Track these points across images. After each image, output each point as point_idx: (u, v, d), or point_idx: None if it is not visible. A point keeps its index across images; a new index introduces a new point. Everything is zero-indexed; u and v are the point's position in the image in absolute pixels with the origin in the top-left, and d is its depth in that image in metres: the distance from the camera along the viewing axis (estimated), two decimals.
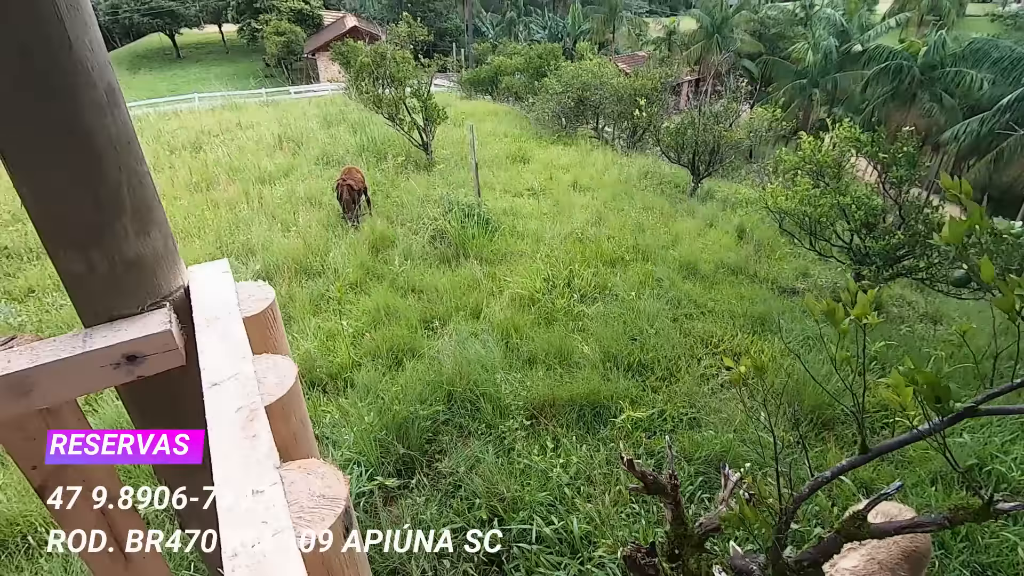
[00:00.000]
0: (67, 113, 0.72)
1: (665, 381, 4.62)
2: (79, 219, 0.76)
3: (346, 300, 5.69)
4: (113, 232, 0.78)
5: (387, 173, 9.97)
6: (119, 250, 0.79)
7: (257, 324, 0.87)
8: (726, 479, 2.06)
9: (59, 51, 0.70)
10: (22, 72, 0.69)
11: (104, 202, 0.76)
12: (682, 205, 9.62)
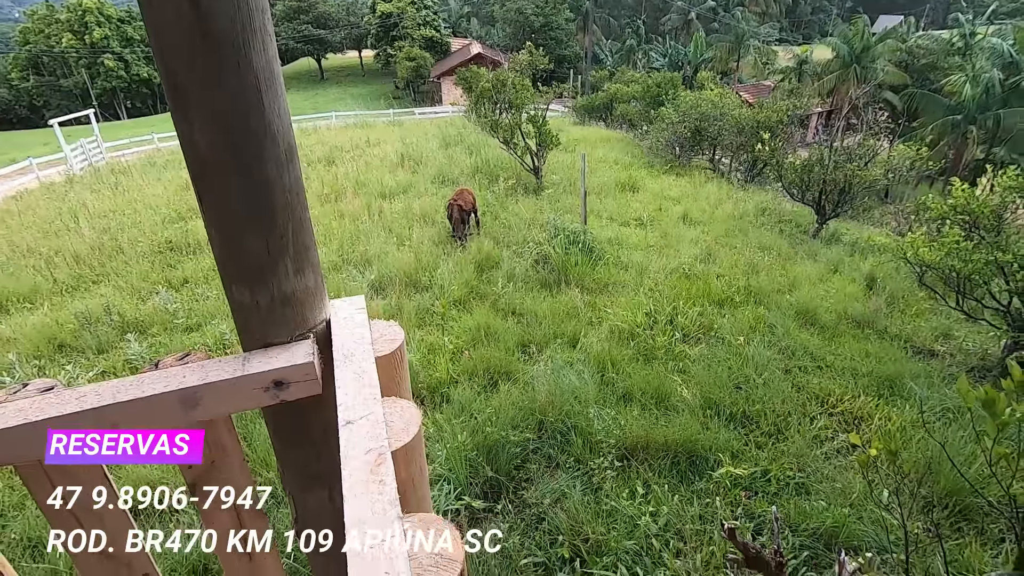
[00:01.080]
0: (253, 168, 0.84)
1: (771, 438, 4.28)
2: (251, 259, 0.88)
3: (449, 316, 5.92)
4: (276, 271, 0.89)
5: (497, 195, 10.30)
6: (279, 286, 0.90)
7: (387, 364, 0.94)
8: (841, 567, 1.86)
9: (255, 116, 0.82)
10: (223, 133, 0.81)
11: (272, 245, 0.87)
12: (803, 247, 8.95)
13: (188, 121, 0.81)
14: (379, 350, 0.94)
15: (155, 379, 0.87)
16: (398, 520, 0.62)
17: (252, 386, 0.88)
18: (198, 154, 0.82)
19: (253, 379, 0.88)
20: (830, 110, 28.73)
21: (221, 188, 0.84)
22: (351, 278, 6.77)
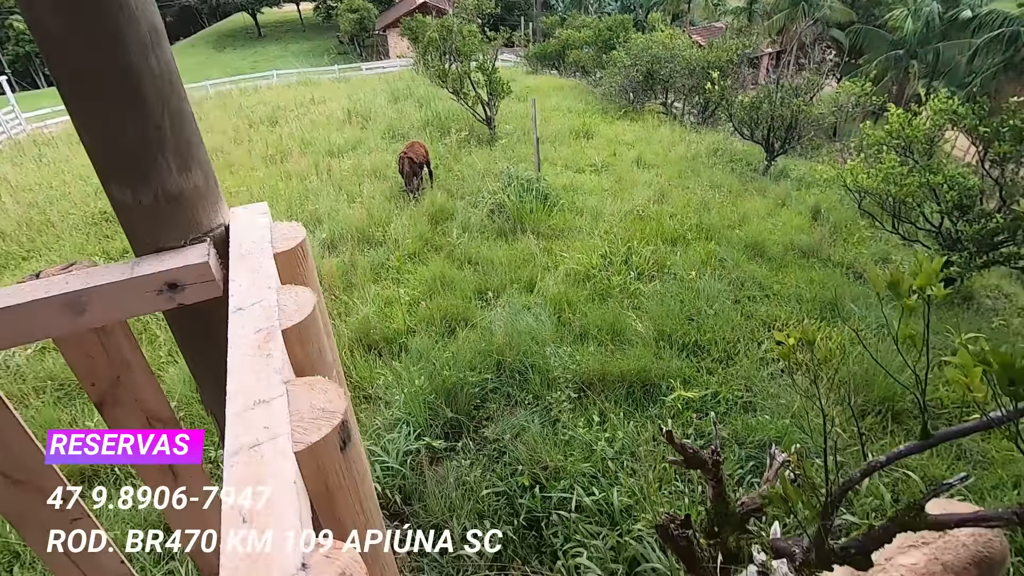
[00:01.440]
0: (113, 53, 0.77)
1: (721, 363, 4.46)
2: (126, 153, 0.82)
3: (404, 269, 5.85)
4: (156, 167, 0.84)
5: (450, 147, 10.07)
6: (162, 184, 0.85)
7: (287, 260, 0.91)
8: (772, 459, 1.98)
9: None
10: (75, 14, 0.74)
11: (148, 137, 0.82)
12: (753, 184, 9.12)
13: (31, 6, 0.74)
14: (280, 247, 0.91)
15: (36, 287, 0.82)
16: (281, 385, 0.61)
17: (144, 289, 0.84)
18: (50, 39, 0.75)
19: (143, 281, 0.84)
20: (780, 51, 28.86)
21: (80, 76, 0.78)
22: None
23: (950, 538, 2.12)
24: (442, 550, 2.81)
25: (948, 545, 2.10)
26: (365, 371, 4.14)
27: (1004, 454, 3.57)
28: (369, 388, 3.97)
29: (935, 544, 2.11)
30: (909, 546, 2.14)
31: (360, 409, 3.79)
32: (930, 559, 2.07)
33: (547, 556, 2.77)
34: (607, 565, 2.54)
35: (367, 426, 3.50)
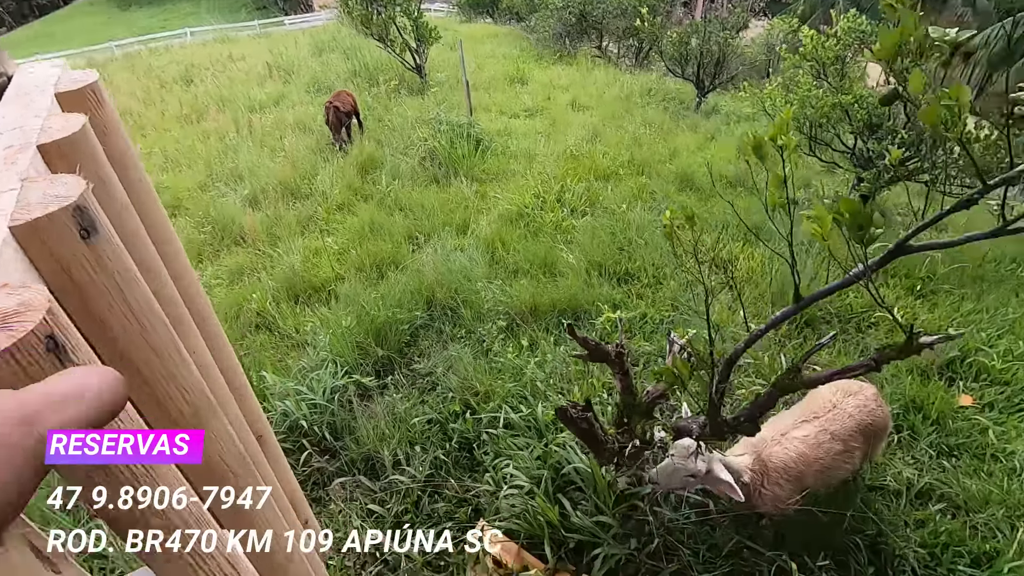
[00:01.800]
0: None
1: (650, 288, 4.58)
2: None
3: (332, 220, 5.67)
4: None
5: (379, 97, 9.67)
6: None
7: (73, 101, 0.82)
8: (671, 345, 2.06)
9: None
10: None
11: None
12: (685, 120, 9.23)
13: None
14: (64, 88, 0.82)
15: None
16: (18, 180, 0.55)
17: None
18: None
19: None
20: None
21: None
22: (221, 194, 6.25)
23: (838, 411, 2.28)
24: (373, 476, 2.84)
25: (836, 417, 2.26)
26: (292, 320, 4.03)
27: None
28: (296, 335, 3.88)
29: (824, 417, 2.26)
30: (803, 421, 2.29)
31: (288, 356, 3.71)
32: (820, 430, 2.23)
33: (479, 473, 2.82)
34: (533, 472, 2.61)
35: (291, 368, 3.43)
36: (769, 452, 2.17)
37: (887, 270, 4.83)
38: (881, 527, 2.45)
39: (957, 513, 2.61)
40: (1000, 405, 3.40)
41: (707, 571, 2.27)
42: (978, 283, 4.80)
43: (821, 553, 2.32)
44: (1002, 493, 2.69)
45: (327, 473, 2.88)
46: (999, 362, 3.64)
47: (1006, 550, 2.38)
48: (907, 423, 3.14)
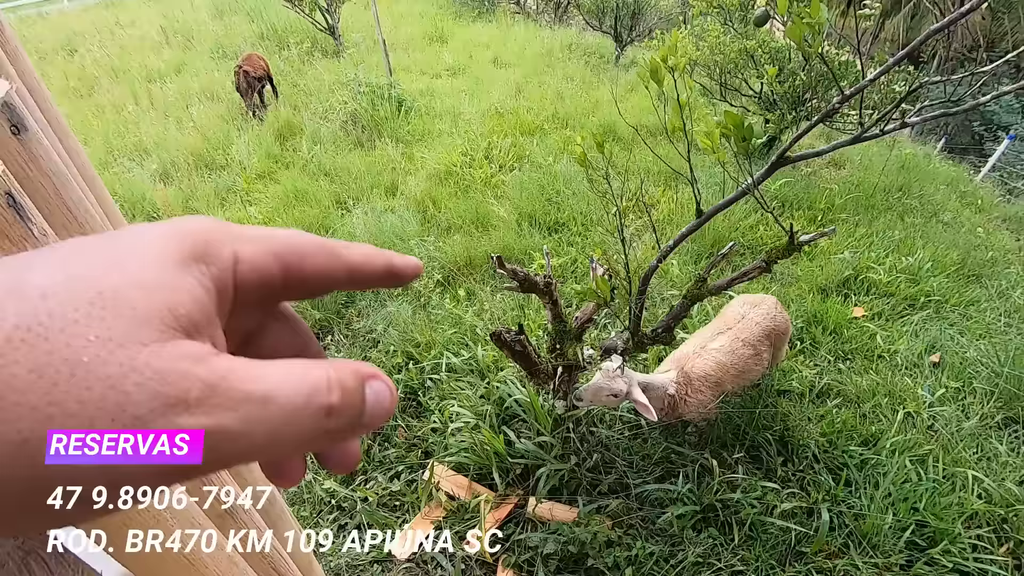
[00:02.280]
0: None
1: (580, 236, 4.76)
2: None
3: (254, 190, 5.46)
4: None
5: (291, 61, 9.19)
6: None
7: None
8: (593, 270, 2.21)
9: None
10: None
11: None
12: (605, 74, 9.38)
13: None
14: None
15: None
16: None
17: None
18: None
19: None
20: None
21: None
22: (127, 171, 5.84)
23: (746, 321, 2.52)
24: None
25: (745, 326, 2.51)
26: None
27: (807, 273, 4.25)
28: None
29: (735, 328, 2.51)
30: (718, 334, 2.52)
31: None
32: (733, 339, 2.47)
33: (426, 418, 2.92)
34: (478, 409, 2.75)
35: None
36: (691, 365, 2.40)
37: (792, 202, 5.24)
38: (788, 423, 2.77)
39: (850, 405, 2.98)
40: (886, 314, 3.84)
41: (640, 477, 2.50)
42: (870, 211, 5.30)
43: (738, 449, 2.61)
44: (886, 385, 3.09)
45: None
46: (885, 277, 4.10)
47: (888, 430, 2.76)
48: (809, 335, 3.50)
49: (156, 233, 0.24)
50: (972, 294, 4.10)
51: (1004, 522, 2.38)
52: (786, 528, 2.29)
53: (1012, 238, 5.88)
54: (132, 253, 0.23)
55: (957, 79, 1.58)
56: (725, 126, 1.47)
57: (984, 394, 3.05)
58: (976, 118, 14.15)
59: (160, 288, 0.22)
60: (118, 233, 0.25)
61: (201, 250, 0.25)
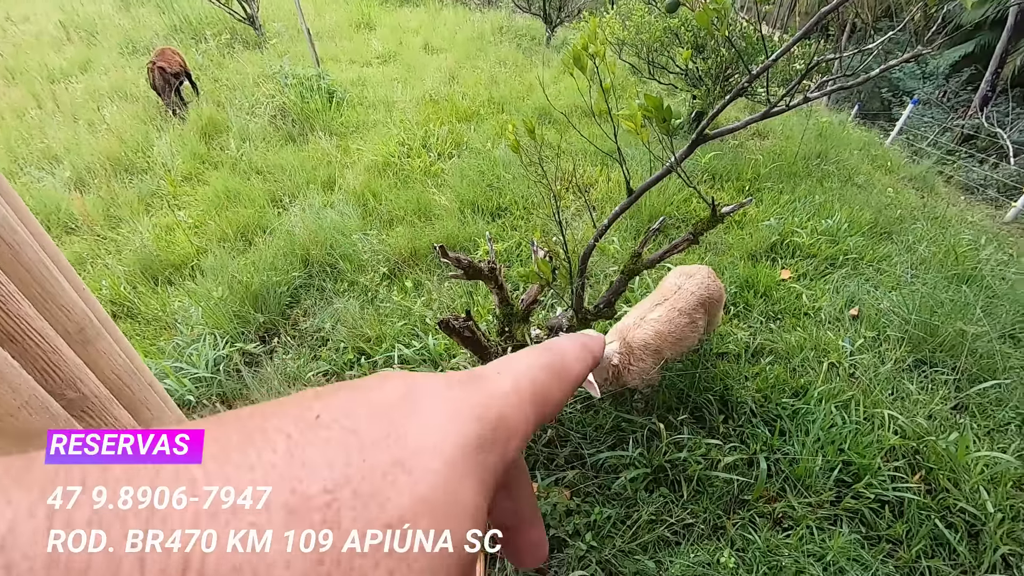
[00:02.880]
0: None
1: (523, 220, 4.82)
2: None
3: (181, 193, 5.20)
4: None
5: (210, 55, 8.72)
6: None
7: None
8: (535, 253, 2.27)
9: None
10: None
11: None
12: (537, 56, 9.43)
13: None
14: None
15: None
16: None
17: None
18: None
19: None
20: None
21: None
22: (36, 180, 5.43)
23: (682, 291, 2.66)
24: None
25: (681, 296, 2.65)
26: (155, 301, 3.75)
27: (737, 241, 4.48)
28: (164, 315, 3.63)
29: (672, 299, 2.64)
30: (656, 305, 2.65)
31: (159, 338, 3.47)
32: (670, 309, 2.60)
33: None
34: None
35: (165, 349, 3.25)
36: (632, 335, 2.51)
37: (721, 174, 5.48)
38: (727, 383, 2.95)
39: (781, 361, 3.20)
40: (810, 274, 4.12)
41: (594, 446, 2.62)
42: (792, 178, 5.62)
43: (682, 411, 2.78)
44: (812, 340, 3.34)
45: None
46: (808, 240, 4.39)
47: (815, 381, 2.99)
48: (742, 299, 3.72)
49: (444, 419, 0.23)
50: (884, 250, 4.45)
51: (916, 453, 2.64)
52: (729, 480, 2.47)
53: (917, 196, 6.39)
54: (421, 453, 0.21)
55: (848, 55, 1.73)
56: (646, 108, 1.55)
57: (896, 341, 3.35)
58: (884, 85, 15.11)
59: (460, 517, 0.21)
60: (396, 402, 0.23)
61: (489, 438, 0.23)
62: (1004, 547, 2.23)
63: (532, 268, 1.98)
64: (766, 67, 1.55)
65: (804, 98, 1.73)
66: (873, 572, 2.12)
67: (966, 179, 9.66)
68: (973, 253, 4.50)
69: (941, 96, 14.14)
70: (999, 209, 7.97)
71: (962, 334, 3.21)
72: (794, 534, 2.26)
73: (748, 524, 2.34)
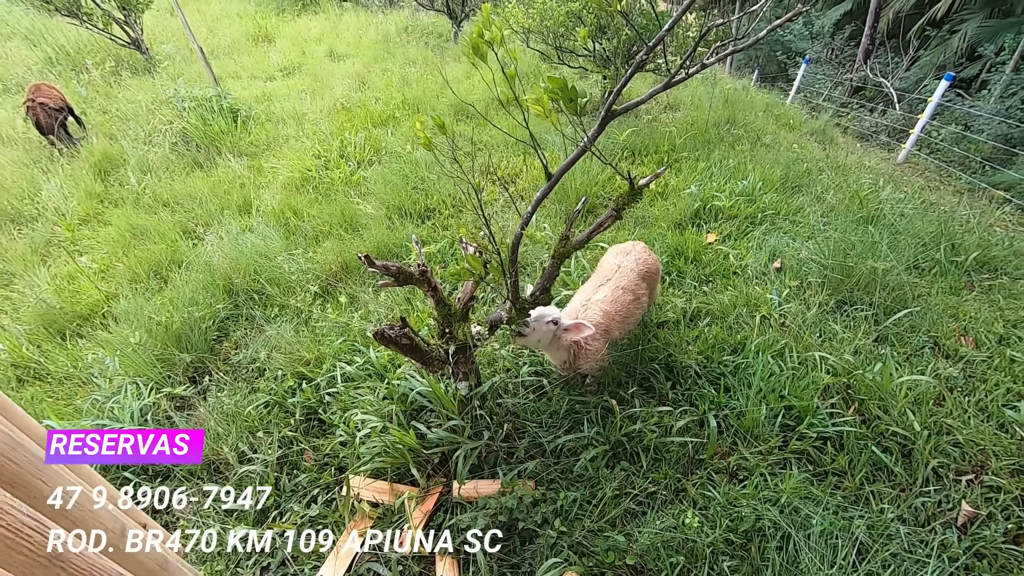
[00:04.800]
0: None
1: (452, 218, 4.76)
2: None
3: (80, 237, 4.81)
4: None
5: (95, 85, 8.10)
6: None
7: None
8: (465, 249, 2.24)
9: None
10: None
11: None
12: (447, 53, 9.34)
13: None
14: None
15: None
16: None
17: None
18: None
19: None
20: None
21: None
22: None
23: (622, 269, 2.70)
24: (221, 479, 2.69)
25: (622, 274, 2.69)
26: (65, 357, 3.44)
27: (663, 212, 4.61)
28: (77, 371, 3.34)
29: (614, 278, 2.68)
30: (599, 286, 2.68)
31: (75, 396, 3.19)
32: (614, 288, 2.64)
33: (332, 435, 2.82)
34: (383, 411, 2.70)
35: (83, 407, 2.99)
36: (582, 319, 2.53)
37: (639, 150, 5.63)
38: (670, 350, 3.03)
39: (718, 322, 3.32)
40: (734, 235, 4.30)
41: (551, 433, 2.62)
42: (706, 145, 5.84)
43: (631, 385, 2.83)
44: (743, 297, 3.49)
45: (164, 495, 2.64)
46: (728, 202, 4.57)
47: (751, 335, 3.13)
48: (675, 267, 3.83)
49: None
50: (797, 203, 4.71)
51: (848, 388, 2.81)
52: (684, 443, 2.54)
53: (820, 149, 6.81)
54: None
55: (735, 19, 1.79)
56: (552, 90, 1.55)
57: (818, 286, 3.55)
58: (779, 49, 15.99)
59: None
60: None
61: None
62: (934, 460, 2.42)
63: (462, 265, 1.94)
64: (660, 38, 1.57)
65: (702, 64, 1.78)
66: (824, 506, 2.23)
67: (860, 128, 10.39)
68: (874, 195, 4.83)
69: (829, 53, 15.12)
70: (891, 152, 8.63)
71: (874, 271, 3.44)
72: (749, 483, 2.35)
73: (707, 482, 2.41)
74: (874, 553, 2.07)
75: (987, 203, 5.94)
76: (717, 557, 2.11)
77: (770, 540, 2.12)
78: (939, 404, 2.74)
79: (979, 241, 4.00)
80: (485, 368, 3.01)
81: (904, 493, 2.35)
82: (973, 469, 2.44)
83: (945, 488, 2.36)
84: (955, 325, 3.26)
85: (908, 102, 11.32)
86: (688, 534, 2.16)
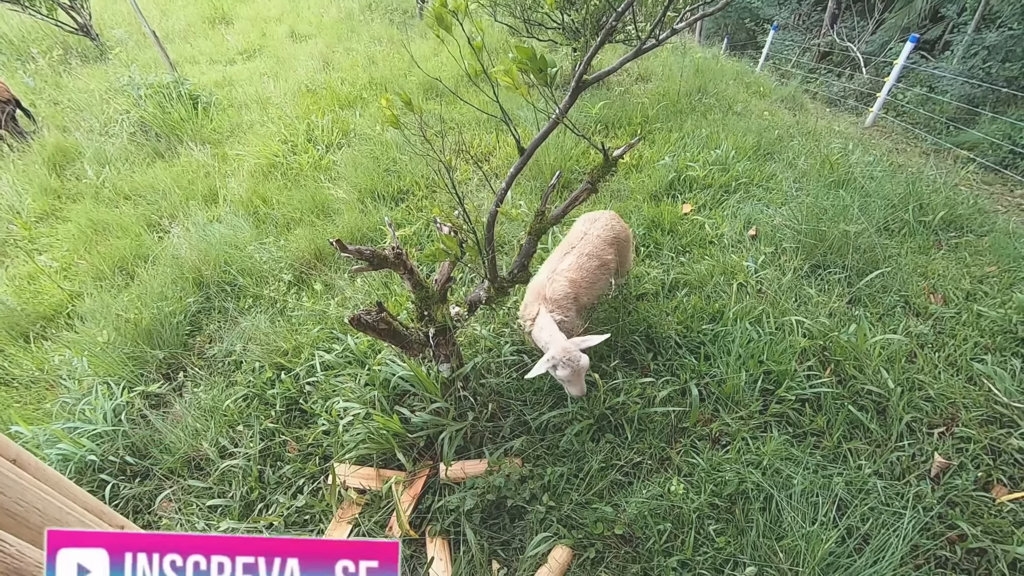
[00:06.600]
0: None
1: (427, 199, 4.68)
2: None
3: (38, 235, 4.61)
4: None
5: (43, 76, 7.72)
6: None
7: None
8: (439, 230, 2.19)
9: None
10: None
11: None
12: (413, 30, 9.10)
13: None
14: None
15: None
16: None
17: None
18: None
19: None
20: None
21: None
22: None
23: (588, 236, 2.68)
24: (203, 474, 2.64)
25: (588, 241, 2.67)
26: (30, 360, 3.32)
27: (638, 185, 4.60)
28: (43, 374, 3.22)
29: (579, 246, 2.66)
30: (564, 254, 2.66)
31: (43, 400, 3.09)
32: (579, 256, 2.62)
33: (315, 424, 2.78)
34: (365, 398, 2.67)
35: (52, 411, 2.89)
36: (549, 290, 2.51)
37: (612, 122, 5.58)
38: (650, 321, 3.05)
39: (696, 291, 3.35)
40: (709, 204, 4.32)
41: (536, 410, 2.63)
42: (678, 115, 5.82)
43: (613, 357, 2.84)
44: (720, 266, 3.51)
45: (145, 496, 2.59)
46: (702, 172, 4.57)
47: (729, 303, 3.16)
48: (652, 239, 3.84)
49: None
50: (769, 170, 4.73)
51: (824, 350, 2.87)
52: (667, 412, 2.57)
53: (790, 115, 6.84)
54: None
55: None
56: (520, 60, 1.50)
57: (792, 251, 3.60)
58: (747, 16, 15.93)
59: None
60: None
61: None
62: (907, 416, 2.48)
63: (437, 245, 1.91)
64: (628, 5, 1.53)
65: (672, 30, 1.74)
66: (804, 465, 2.29)
67: (828, 93, 10.47)
68: (844, 159, 4.88)
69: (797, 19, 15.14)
70: (859, 116, 8.73)
71: (846, 234, 3.48)
72: (732, 448, 2.39)
73: (690, 450, 2.45)
74: (853, 508, 2.13)
75: (952, 163, 6.06)
76: (703, 521, 2.15)
77: (753, 502, 2.17)
78: (911, 361, 2.81)
79: (945, 200, 4.07)
80: (467, 349, 2.99)
81: (880, 449, 2.42)
82: (944, 422, 2.52)
83: (919, 442, 2.43)
84: (925, 284, 3.33)
85: (875, 65, 11.43)
86: (674, 501, 2.20)
